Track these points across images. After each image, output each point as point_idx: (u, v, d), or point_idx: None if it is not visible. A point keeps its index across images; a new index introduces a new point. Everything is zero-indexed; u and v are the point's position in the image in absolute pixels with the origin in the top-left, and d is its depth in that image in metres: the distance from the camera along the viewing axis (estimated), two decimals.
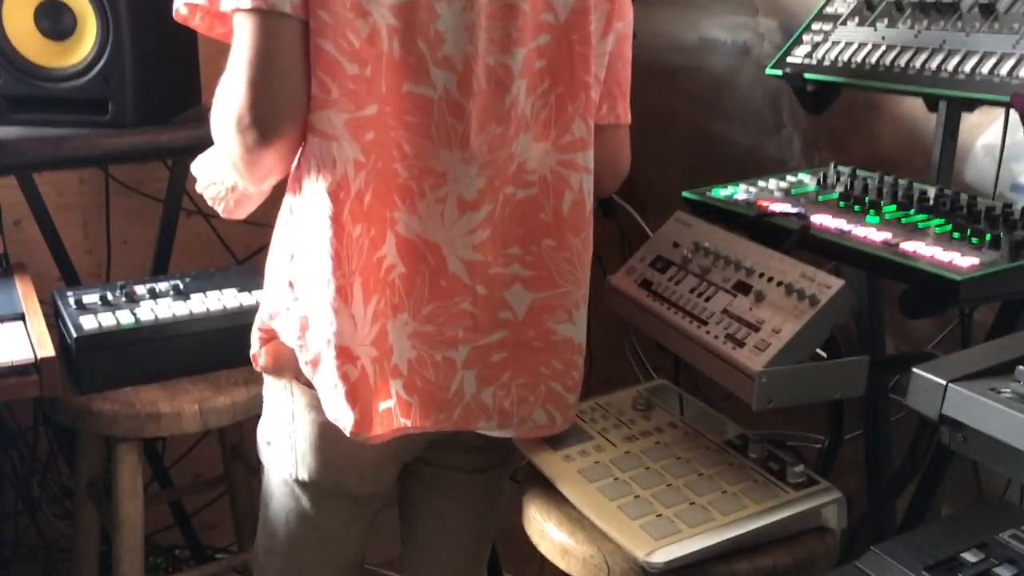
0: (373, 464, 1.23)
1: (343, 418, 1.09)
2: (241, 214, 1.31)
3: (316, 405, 1.16)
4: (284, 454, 1.24)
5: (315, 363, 1.11)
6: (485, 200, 1.13)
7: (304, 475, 1.22)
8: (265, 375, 1.25)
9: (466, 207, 1.12)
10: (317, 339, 1.10)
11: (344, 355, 1.08)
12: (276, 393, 1.24)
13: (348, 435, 1.10)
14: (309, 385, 1.15)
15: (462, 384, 1.16)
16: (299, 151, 1.09)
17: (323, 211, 1.06)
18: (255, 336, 1.22)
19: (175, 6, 1.10)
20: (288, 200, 1.14)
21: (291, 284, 1.12)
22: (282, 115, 1.02)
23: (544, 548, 1.21)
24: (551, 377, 1.20)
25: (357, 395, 1.09)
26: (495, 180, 1.13)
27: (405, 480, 1.36)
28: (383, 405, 1.12)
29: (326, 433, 1.17)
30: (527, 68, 1.12)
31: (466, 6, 1.07)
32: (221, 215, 1.31)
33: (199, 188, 1.31)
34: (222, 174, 1.24)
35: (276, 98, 1.01)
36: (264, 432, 1.29)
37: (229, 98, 1.02)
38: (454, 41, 1.07)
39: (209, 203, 1.31)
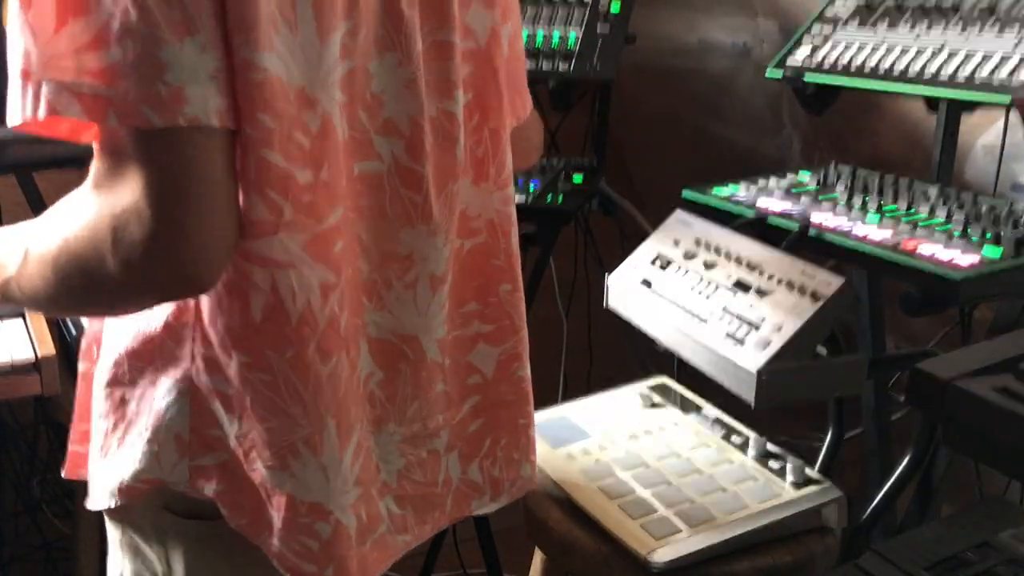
0: None
1: None
2: None
3: (200, 543, 0.91)
4: None
5: (249, 526, 0.88)
6: (451, 268, 0.97)
7: None
8: (109, 529, 0.96)
9: (437, 284, 0.96)
10: (273, 497, 0.87)
11: (315, 513, 0.87)
12: (129, 548, 0.94)
13: None
14: (186, 514, 0.90)
15: (448, 471, 1.01)
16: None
17: (278, 355, 0.82)
18: (111, 486, 0.89)
19: (15, 116, 0.75)
20: (168, 319, 0.86)
21: (196, 429, 0.87)
22: (219, 262, 0.77)
23: (544, 548, 1.21)
24: (528, 425, 1.08)
25: (332, 553, 0.88)
26: (453, 243, 0.98)
27: None
28: (372, 538, 0.93)
29: None
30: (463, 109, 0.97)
31: (401, 60, 0.88)
32: None
33: None
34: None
35: (214, 243, 0.75)
36: None
37: (132, 242, 0.72)
38: (394, 101, 0.89)
39: None
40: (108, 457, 0.91)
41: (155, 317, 0.87)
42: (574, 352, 2.20)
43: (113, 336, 0.90)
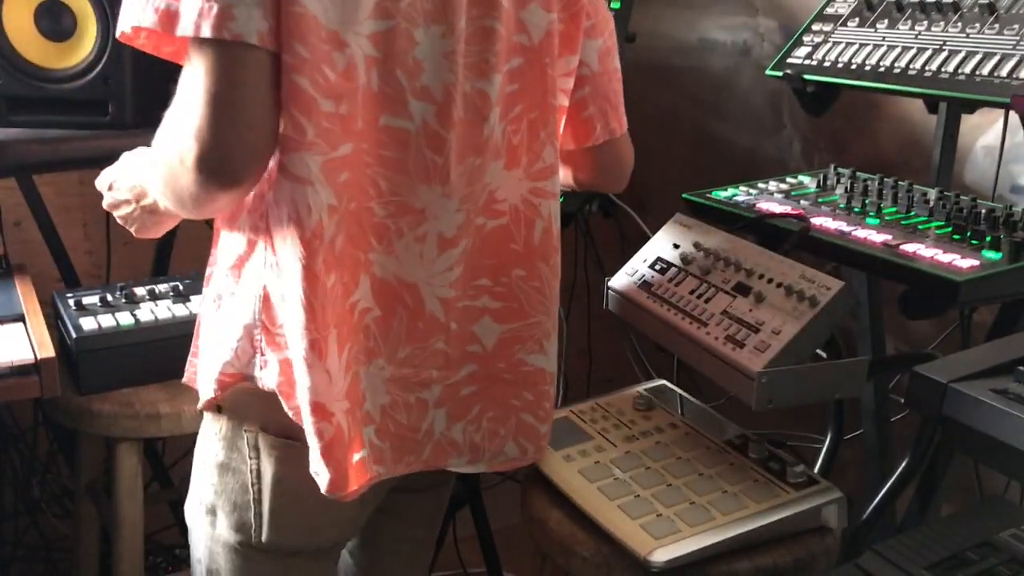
0: (352, 513, 1.13)
1: (320, 475, 1.02)
2: (156, 234, 1.21)
3: (287, 457, 1.07)
4: (239, 518, 1.11)
5: (297, 412, 1.03)
6: (463, 236, 1.08)
7: (272, 537, 1.10)
8: (212, 432, 1.12)
9: (446, 245, 1.07)
10: (298, 389, 1.02)
11: (318, 412, 1.00)
12: (231, 449, 1.10)
13: (324, 493, 1.03)
14: (280, 435, 1.07)
15: (432, 423, 1.12)
16: (259, 187, 1.01)
17: (295, 260, 0.98)
18: (211, 379, 1.08)
19: (119, 27, 0.98)
20: (248, 235, 1.05)
21: (266, 326, 1.04)
22: (250, 159, 0.93)
23: (544, 548, 1.21)
24: (522, 409, 1.16)
25: (332, 453, 1.02)
26: (472, 213, 1.08)
27: None
28: (356, 456, 1.05)
29: (301, 488, 1.06)
30: (500, 93, 1.07)
31: (445, 32, 1.01)
32: (133, 234, 1.21)
33: (106, 205, 1.20)
34: (143, 195, 1.13)
35: (244, 140, 0.92)
36: (205, 497, 1.13)
37: (187, 135, 0.91)
38: (433, 69, 1.01)
39: (119, 222, 1.20)
40: (208, 356, 1.09)
41: (241, 232, 1.05)
42: (574, 354, 2.20)
43: (220, 255, 1.09)
